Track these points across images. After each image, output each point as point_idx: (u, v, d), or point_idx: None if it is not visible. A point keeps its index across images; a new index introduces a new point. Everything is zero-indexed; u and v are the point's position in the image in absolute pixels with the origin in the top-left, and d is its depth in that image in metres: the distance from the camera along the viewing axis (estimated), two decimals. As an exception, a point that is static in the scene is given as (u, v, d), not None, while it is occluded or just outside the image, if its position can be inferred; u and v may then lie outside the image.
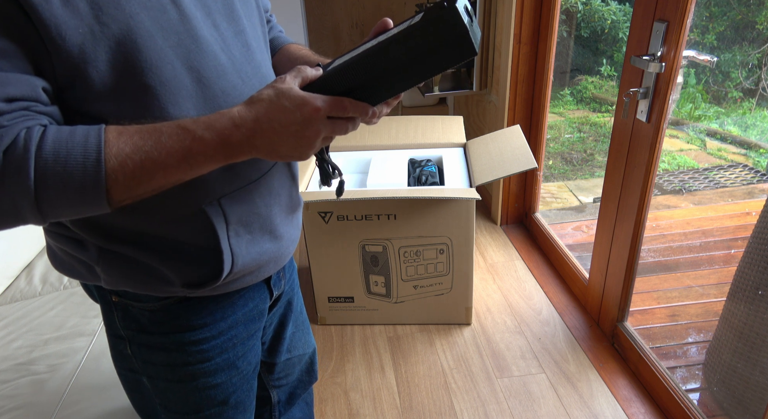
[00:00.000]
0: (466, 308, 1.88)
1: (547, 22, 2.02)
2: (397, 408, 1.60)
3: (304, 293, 2.11)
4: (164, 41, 0.61)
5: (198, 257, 0.71)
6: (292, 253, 0.86)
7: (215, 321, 0.79)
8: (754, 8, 2.65)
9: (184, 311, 0.76)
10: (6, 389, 1.27)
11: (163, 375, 0.80)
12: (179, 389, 0.81)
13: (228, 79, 0.68)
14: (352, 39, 3.11)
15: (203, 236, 0.70)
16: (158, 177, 0.58)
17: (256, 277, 0.79)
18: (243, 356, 0.85)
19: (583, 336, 1.82)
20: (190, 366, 0.79)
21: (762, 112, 2.96)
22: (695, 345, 1.90)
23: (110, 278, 0.71)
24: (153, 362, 0.79)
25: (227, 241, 0.71)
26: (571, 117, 3.83)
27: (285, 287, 0.94)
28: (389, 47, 0.60)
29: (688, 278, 2.16)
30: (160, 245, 0.70)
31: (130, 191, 0.58)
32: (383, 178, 1.78)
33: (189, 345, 0.78)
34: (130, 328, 0.77)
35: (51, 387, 1.26)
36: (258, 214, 0.75)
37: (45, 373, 1.30)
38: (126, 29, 0.58)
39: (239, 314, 0.82)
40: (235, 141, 0.59)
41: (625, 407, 1.55)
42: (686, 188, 2.84)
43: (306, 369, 1.09)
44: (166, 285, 0.72)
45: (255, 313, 0.85)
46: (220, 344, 0.80)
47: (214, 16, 0.68)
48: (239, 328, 0.82)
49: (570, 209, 2.95)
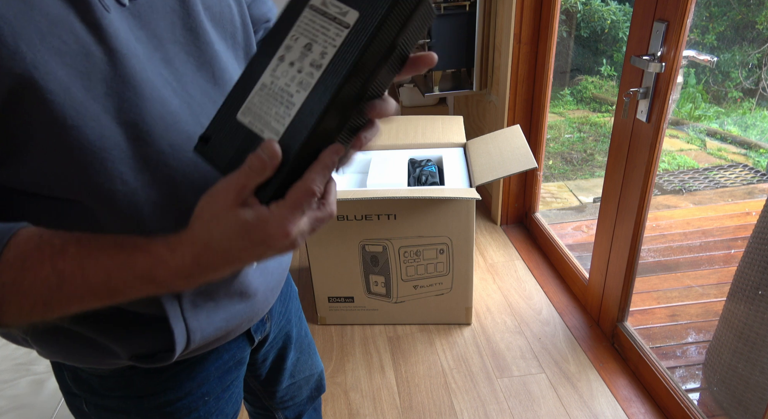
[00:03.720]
0: (466, 308, 1.88)
1: (547, 22, 2.02)
2: (397, 408, 1.60)
3: (304, 294, 2.11)
4: (85, 93, 0.47)
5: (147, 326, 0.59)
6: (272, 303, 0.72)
7: (179, 382, 0.67)
8: (754, 8, 2.65)
9: (140, 377, 0.64)
10: (6, 389, 1.27)
11: None
12: None
13: (180, 130, 0.53)
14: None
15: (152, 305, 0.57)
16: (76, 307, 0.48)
17: (224, 340, 0.67)
18: (218, 410, 0.73)
19: (583, 336, 1.82)
20: None
21: (762, 112, 2.96)
22: (695, 345, 1.90)
23: (44, 351, 0.61)
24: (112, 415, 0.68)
25: (180, 315, 0.58)
26: (571, 117, 3.84)
27: (272, 328, 0.82)
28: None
29: (688, 278, 2.16)
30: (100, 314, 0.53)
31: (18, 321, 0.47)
32: (383, 178, 1.79)
33: (151, 409, 0.66)
34: (82, 389, 0.66)
35: (51, 387, 1.26)
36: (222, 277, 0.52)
37: (45, 373, 1.31)
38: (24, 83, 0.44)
39: (211, 369, 0.70)
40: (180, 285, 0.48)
41: (625, 407, 1.55)
42: (686, 188, 2.84)
43: (315, 386, 1.02)
44: (111, 358, 0.60)
45: (231, 364, 0.73)
46: (188, 404, 0.69)
47: (166, 48, 0.53)
48: (211, 383, 0.71)
49: (570, 209, 2.95)
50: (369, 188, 1.73)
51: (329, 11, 0.45)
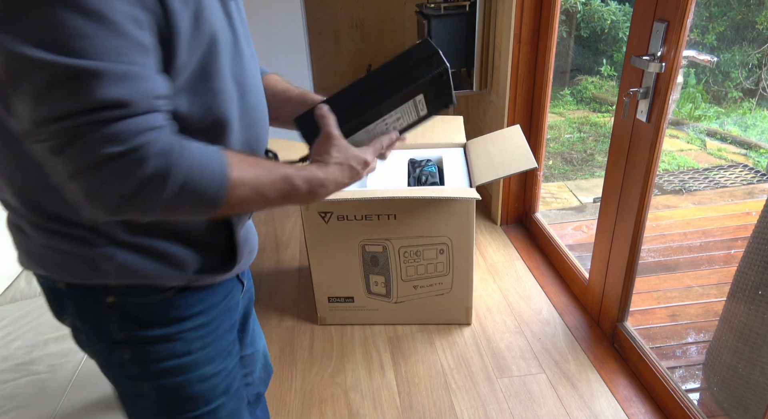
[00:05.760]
0: (466, 308, 1.88)
1: (547, 22, 2.02)
2: (397, 408, 1.60)
3: (305, 294, 2.11)
4: (227, 54, 0.68)
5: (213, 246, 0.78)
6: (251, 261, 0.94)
7: (207, 308, 0.81)
8: (754, 8, 2.65)
9: (182, 301, 0.78)
10: (6, 389, 1.27)
11: (167, 370, 0.79)
12: (185, 383, 0.81)
13: (254, 95, 0.77)
14: (352, 39, 3.11)
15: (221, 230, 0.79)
16: (257, 205, 0.69)
17: (242, 267, 0.86)
18: (232, 343, 0.87)
19: (583, 336, 1.82)
20: (193, 354, 0.80)
21: (762, 112, 2.97)
22: (695, 345, 1.90)
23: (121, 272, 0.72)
24: (155, 358, 0.78)
25: (239, 240, 0.80)
26: (571, 117, 3.84)
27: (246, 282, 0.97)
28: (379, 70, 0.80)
29: (688, 278, 2.16)
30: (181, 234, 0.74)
31: (232, 210, 0.67)
32: (383, 178, 1.79)
33: (189, 331, 0.79)
34: (128, 328, 0.76)
35: (51, 387, 1.26)
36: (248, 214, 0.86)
37: (45, 373, 1.31)
38: (211, 35, 0.65)
39: (223, 303, 0.84)
40: (319, 195, 0.75)
41: (625, 407, 1.55)
42: (686, 188, 2.84)
43: (263, 364, 1.11)
44: (178, 272, 0.75)
45: (232, 303, 0.88)
46: (213, 331, 0.82)
47: (246, 39, 0.77)
48: (224, 316, 0.85)
49: (570, 209, 2.95)
50: (369, 188, 1.73)
51: (417, 106, 0.83)
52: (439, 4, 2.24)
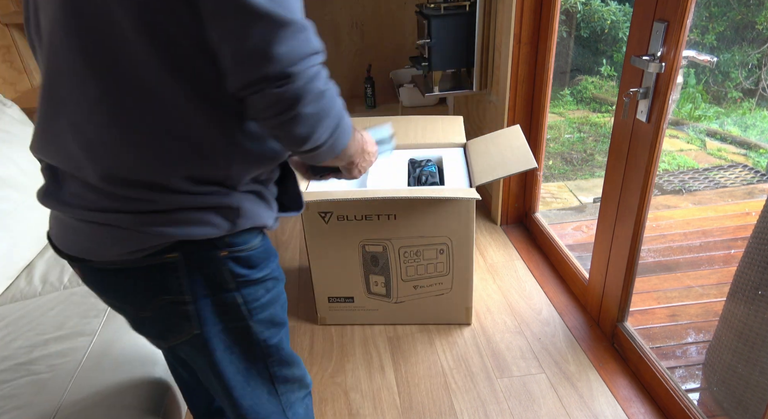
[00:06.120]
0: (466, 308, 1.88)
1: (547, 22, 2.02)
2: (397, 408, 1.60)
3: (305, 294, 2.11)
4: None
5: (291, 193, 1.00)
6: None
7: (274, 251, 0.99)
8: (754, 8, 2.65)
9: (267, 244, 0.95)
10: (6, 389, 1.27)
11: (267, 303, 0.95)
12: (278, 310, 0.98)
13: None
14: (352, 39, 3.11)
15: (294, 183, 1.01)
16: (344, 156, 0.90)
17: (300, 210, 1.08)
18: None
19: (583, 336, 1.82)
20: (278, 285, 0.98)
21: (762, 112, 2.96)
22: (695, 345, 1.90)
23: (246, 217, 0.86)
24: (262, 295, 0.94)
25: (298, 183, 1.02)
26: (571, 117, 3.84)
27: None
28: None
29: (688, 278, 2.16)
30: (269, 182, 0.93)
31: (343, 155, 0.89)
32: (383, 178, 1.79)
33: (276, 268, 0.97)
34: (240, 275, 0.89)
35: (51, 387, 1.26)
36: None
37: (45, 373, 1.30)
38: None
39: None
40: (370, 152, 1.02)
41: (625, 407, 1.55)
42: (686, 188, 2.84)
43: None
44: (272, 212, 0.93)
45: None
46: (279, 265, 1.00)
47: None
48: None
49: (570, 209, 2.95)
50: (369, 188, 1.73)
51: None
52: (439, 4, 2.24)
